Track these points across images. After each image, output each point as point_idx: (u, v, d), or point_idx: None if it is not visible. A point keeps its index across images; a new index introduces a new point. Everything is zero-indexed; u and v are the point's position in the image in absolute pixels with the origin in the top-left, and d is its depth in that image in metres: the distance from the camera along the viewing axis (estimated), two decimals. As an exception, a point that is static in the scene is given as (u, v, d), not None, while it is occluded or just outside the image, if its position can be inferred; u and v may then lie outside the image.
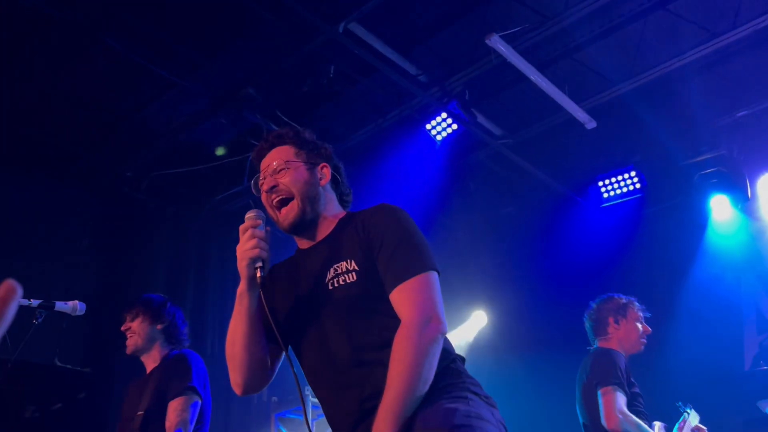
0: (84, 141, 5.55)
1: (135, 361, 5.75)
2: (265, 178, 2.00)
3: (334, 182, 2.10)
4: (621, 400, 3.23)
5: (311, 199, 1.99)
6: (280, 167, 1.99)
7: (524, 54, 4.72)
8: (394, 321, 1.78)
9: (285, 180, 1.97)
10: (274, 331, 1.88)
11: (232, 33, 4.66)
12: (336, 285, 1.85)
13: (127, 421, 3.16)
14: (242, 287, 1.88)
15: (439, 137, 5.30)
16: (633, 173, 5.72)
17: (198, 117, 5.34)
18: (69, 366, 5.50)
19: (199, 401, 3.11)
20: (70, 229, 5.80)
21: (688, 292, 5.52)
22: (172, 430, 2.95)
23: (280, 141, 2.06)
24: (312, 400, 6.20)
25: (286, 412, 6.25)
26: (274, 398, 6.32)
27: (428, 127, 5.25)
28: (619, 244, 6.27)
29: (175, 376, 3.09)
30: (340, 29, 4.43)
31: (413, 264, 1.81)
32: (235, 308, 1.92)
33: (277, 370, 2.02)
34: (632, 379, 3.41)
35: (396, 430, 1.63)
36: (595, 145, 5.65)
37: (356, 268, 1.84)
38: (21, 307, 2.93)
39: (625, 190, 5.90)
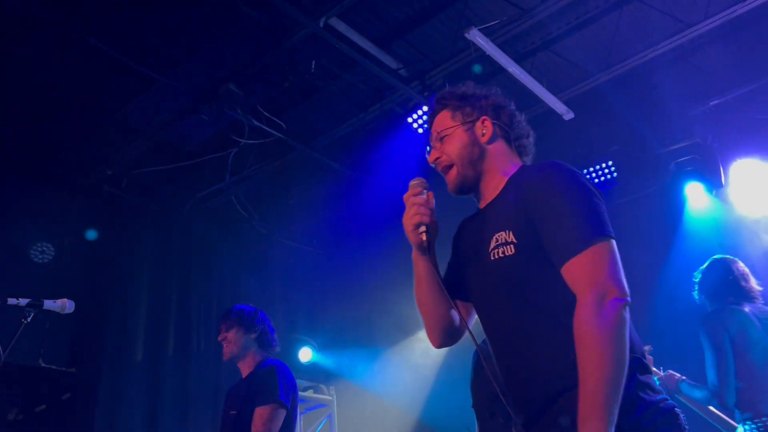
0: (65, 139, 5.53)
1: (121, 361, 5.79)
2: (431, 151, 2.03)
3: (502, 131, 2.01)
4: None
5: (472, 161, 1.95)
6: (439, 136, 1.99)
7: (502, 47, 4.79)
8: (558, 300, 1.68)
9: (445, 148, 1.98)
10: (457, 288, 1.95)
11: (212, 29, 4.67)
12: (496, 257, 1.78)
13: (224, 421, 3.44)
14: (415, 254, 1.94)
15: (421, 130, 5.35)
16: (610, 162, 5.82)
17: (179, 114, 5.34)
18: (53, 366, 5.47)
19: (285, 412, 3.31)
20: (52, 228, 5.76)
21: (666, 278, 5.63)
22: None
23: (439, 107, 2.05)
24: (300, 394, 6.25)
25: (273, 406, 6.27)
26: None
27: (410, 120, 5.30)
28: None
29: (265, 385, 3.32)
30: (321, 24, 4.46)
31: (583, 235, 1.66)
32: (415, 275, 1.99)
33: (472, 322, 2.02)
34: None
35: (607, 422, 1.48)
36: (573, 135, 5.74)
37: (514, 240, 1.75)
38: (9, 307, 2.94)
39: (602, 179, 6.00)
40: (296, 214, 6.74)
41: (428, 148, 2.05)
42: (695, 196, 5.73)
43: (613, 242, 1.68)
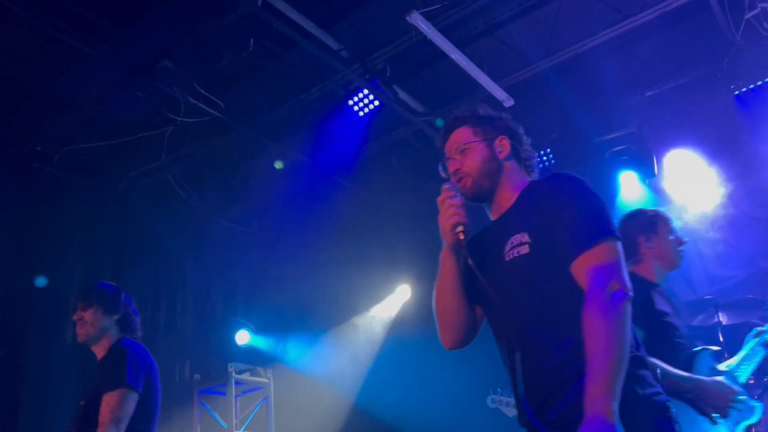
0: (-10, 113, 5.29)
1: (51, 342, 5.62)
2: (449, 161, 2.16)
3: (515, 151, 2.18)
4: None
5: (490, 174, 2.11)
6: (460, 149, 2.14)
7: (445, 31, 4.77)
8: (568, 292, 1.84)
9: (466, 161, 2.12)
10: (478, 289, 2.04)
11: (148, 2, 4.51)
12: (511, 257, 1.95)
13: (73, 414, 3.17)
14: (446, 252, 2.05)
15: (361, 113, 5.31)
16: (548, 150, 5.91)
17: (113, 89, 5.16)
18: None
19: (136, 396, 3.02)
20: (-25, 205, 5.53)
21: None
22: (104, 425, 2.89)
23: (458, 123, 2.20)
24: (235, 377, 6.19)
25: (209, 389, 6.20)
26: (197, 375, 6.25)
27: (351, 102, 5.25)
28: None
29: (112, 368, 3.04)
30: (259, 2, 4.35)
31: (592, 232, 1.86)
32: (440, 272, 2.10)
33: (480, 329, 2.16)
34: (663, 308, 2.97)
35: (612, 397, 1.61)
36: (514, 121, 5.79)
37: (528, 240, 1.92)
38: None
39: (540, 167, 6.08)
40: (236, 195, 6.63)
41: (443, 160, 2.20)
42: (629, 185, 5.86)
43: (620, 243, 1.88)
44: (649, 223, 3.13)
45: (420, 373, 6.67)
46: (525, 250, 1.91)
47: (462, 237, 1.98)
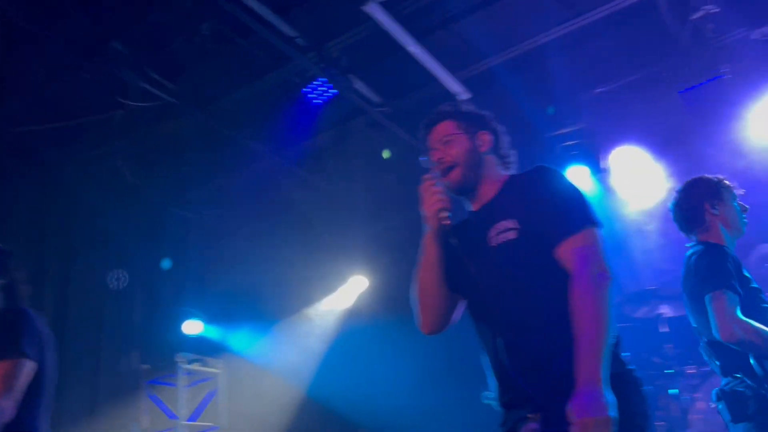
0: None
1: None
2: (432, 151, 2.24)
3: (495, 147, 2.29)
4: (732, 304, 2.71)
5: (473, 164, 2.21)
6: (443, 140, 2.23)
7: (402, 22, 4.77)
8: (553, 275, 1.93)
9: (449, 151, 2.21)
10: (460, 275, 2.14)
11: (97, -19, 4.40)
12: (498, 242, 2.04)
13: None
14: (429, 238, 2.14)
15: (317, 101, 5.28)
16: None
17: (60, 71, 5.02)
18: None
19: (32, 365, 2.76)
20: None
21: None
22: None
23: (441, 117, 2.29)
24: (184, 367, 6.12)
25: (157, 379, 6.11)
26: (145, 366, 6.16)
27: (306, 90, 5.22)
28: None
29: (3, 336, 2.75)
30: (214, -14, 4.29)
31: (578, 219, 1.99)
32: (423, 258, 2.18)
33: (458, 315, 2.23)
34: (746, 273, 2.89)
35: (602, 369, 1.74)
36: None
37: (516, 226, 2.01)
38: None
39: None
40: (187, 182, 6.53)
41: (427, 153, 2.27)
42: (578, 179, 5.98)
43: (601, 231, 2.00)
44: (713, 190, 3.07)
45: (374, 364, 6.70)
46: (512, 235, 2.01)
47: (447, 222, 2.10)
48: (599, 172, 5.88)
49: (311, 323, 7.36)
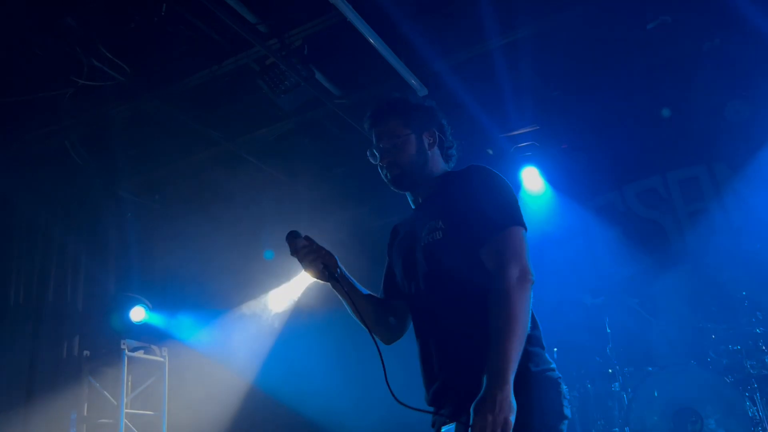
0: None
1: None
2: (379, 149, 2.24)
3: (440, 142, 2.31)
4: None
5: (419, 166, 2.23)
6: (391, 140, 2.22)
7: (365, 15, 4.75)
8: (478, 275, 1.94)
9: (397, 153, 2.21)
10: (396, 289, 2.26)
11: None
12: (427, 242, 2.08)
13: None
14: (335, 288, 2.20)
15: (275, 90, 5.21)
16: (455, 144, 6.04)
17: (9, 45, 4.81)
18: None
19: None
20: None
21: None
22: None
23: (389, 111, 2.26)
24: (128, 354, 5.98)
25: (98, 365, 5.96)
26: (86, 352, 5.99)
27: (265, 79, 5.14)
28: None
29: None
30: (176, -34, 4.19)
31: (501, 219, 1.98)
32: (343, 300, 2.21)
33: (410, 321, 2.26)
34: None
35: (510, 373, 1.74)
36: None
37: (443, 226, 2.05)
38: None
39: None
40: (137, 166, 6.37)
41: (371, 148, 2.27)
42: (531, 180, 6.10)
43: (525, 232, 2.01)
44: None
45: (317, 356, 6.69)
46: (439, 235, 2.04)
47: (327, 273, 2.13)
48: (551, 173, 6.01)
49: (260, 313, 7.31)
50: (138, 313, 6.29)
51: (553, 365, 2.00)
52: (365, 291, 2.28)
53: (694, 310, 5.20)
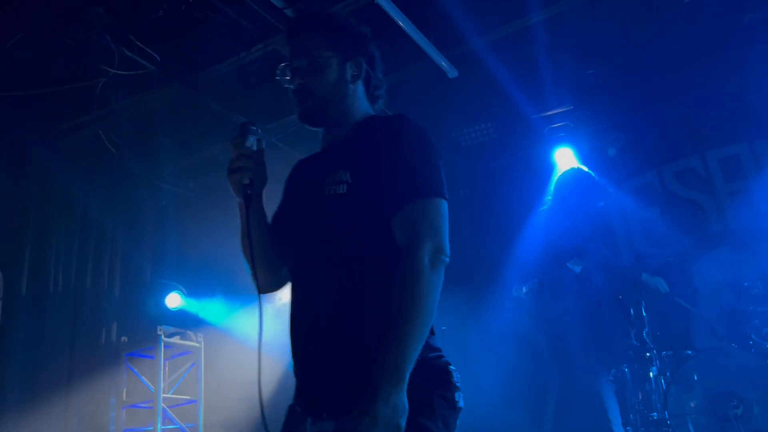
0: None
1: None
2: (292, 71, 1.86)
3: (367, 76, 1.95)
4: None
5: (337, 98, 1.87)
6: (310, 61, 1.85)
7: (393, -4, 4.69)
8: (381, 246, 1.67)
9: (313, 78, 1.84)
10: (283, 233, 1.90)
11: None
12: (328, 194, 1.75)
13: None
14: (240, 203, 1.85)
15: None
16: (490, 123, 5.96)
17: (41, 36, 4.86)
18: None
19: None
20: None
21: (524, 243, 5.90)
22: None
23: (314, 25, 1.90)
24: (165, 340, 6.07)
25: (136, 352, 6.06)
26: (124, 338, 6.10)
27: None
28: (473, 191, 6.56)
29: None
30: (202, -48, 4.17)
31: (425, 186, 1.69)
32: (241, 223, 1.88)
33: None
34: None
35: (408, 368, 1.50)
36: (456, 94, 5.80)
37: (349, 180, 1.72)
38: None
39: (482, 140, 6.15)
40: (170, 154, 6.42)
41: (284, 65, 1.89)
42: (564, 161, 5.99)
43: (446, 205, 1.71)
44: None
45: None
46: (343, 189, 1.72)
47: (248, 192, 1.81)
48: (586, 154, 5.90)
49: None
50: (174, 300, 6.37)
51: (441, 352, 1.71)
52: (267, 230, 1.92)
53: (735, 292, 5.07)
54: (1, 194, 5.73)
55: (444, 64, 5.29)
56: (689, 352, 5.00)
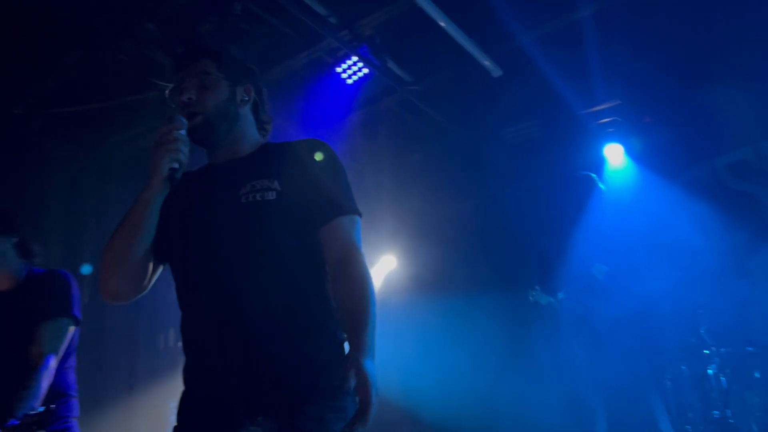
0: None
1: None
2: (182, 89, 1.92)
3: (255, 107, 2.03)
4: None
5: (227, 117, 1.93)
6: (200, 80, 1.92)
7: (436, -2, 4.71)
8: (307, 250, 1.83)
9: (203, 95, 1.91)
10: (160, 242, 1.85)
11: (130, -37, 4.41)
12: (250, 200, 1.80)
13: None
14: (149, 190, 1.80)
15: (349, 81, 5.26)
16: (535, 121, 5.92)
17: (94, 52, 5.04)
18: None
19: (75, 329, 2.82)
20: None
21: (577, 239, 5.82)
22: (39, 356, 2.61)
23: (204, 53, 1.98)
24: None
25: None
26: (180, 343, 6.25)
27: (338, 70, 5.19)
28: (521, 188, 6.51)
29: (51, 295, 2.79)
30: (246, -35, 4.27)
31: (349, 203, 1.88)
32: (135, 212, 1.82)
33: (149, 287, 1.93)
34: None
35: (370, 349, 1.68)
36: (500, 93, 5.78)
37: (278, 188, 1.81)
38: None
39: (526, 138, 6.10)
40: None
41: (174, 86, 1.95)
42: (614, 157, 5.90)
43: None
44: None
45: (408, 337, 6.72)
46: (271, 196, 1.79)
47: (175, 175, 1.80)
48: (636, 149, 5.80)
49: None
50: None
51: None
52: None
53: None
54: (63, 201, 5.94)
55: (487, 63, 5.28)
56: (750, 348, 4.86)
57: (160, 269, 1.95)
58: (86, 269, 5.67)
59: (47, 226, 5.89)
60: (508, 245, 6.34)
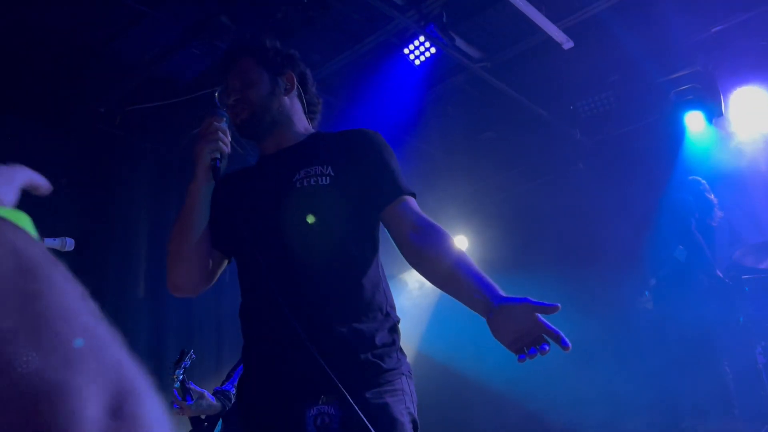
0: (54, 77, 5.41)
1: (124, 297, 5.82)
2: (229, 91, 2.00)
3: (300, 91, 2.08)
4: None
5: (271, 109, 1.99)
6: (242, 80, 1.99)
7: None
8: (360, 233, 1.88)
9: (247, 92, 1.97)
10: (220, 234, 1.92)
11: (201, -41, 4.52)
12: (305, 184, 1.84)
13: None
14: (196, 182, 1.87)
15: (417, 61, 5.25)
16: (610, 92, 5.76)
17: (170, 48, 5.21)
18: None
19: None
20: (46, 168, 5.63)
21: (663, 208, 5.64)
22: None
23: (242, 53, 2.05)
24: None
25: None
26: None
27: (406, 51, 5.19)
28: (596, 164, 6.36)
29: None
30: (313, -48, 4.31)
31: (407, 185, 1.93)
32: (185, 204, 1.89)
33: (216, 279, 1.97)
34: None
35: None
36: (573, 65, 5.65)
37: (332, 173, 1.85)
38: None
39: (602, 110, 5.95)
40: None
41: (222, 89, 2.04)
42: (695, 125, 5.69)
43: None
44: None
45: (473, 323, 6.71)
46: (326, 180, 1.84)
47: (219, 165, 1.85)
48: (717, 116, 5.56)
49: (415, 284, 7.45)
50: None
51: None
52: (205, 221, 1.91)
53: None
54: (146, 195, 6.19)
55: (558, 35, 5.16)
56: None
57: (225, 263, 2.01)
58: None
59: (133, 212, 6.12)
60: (582, 225, 6.19)
